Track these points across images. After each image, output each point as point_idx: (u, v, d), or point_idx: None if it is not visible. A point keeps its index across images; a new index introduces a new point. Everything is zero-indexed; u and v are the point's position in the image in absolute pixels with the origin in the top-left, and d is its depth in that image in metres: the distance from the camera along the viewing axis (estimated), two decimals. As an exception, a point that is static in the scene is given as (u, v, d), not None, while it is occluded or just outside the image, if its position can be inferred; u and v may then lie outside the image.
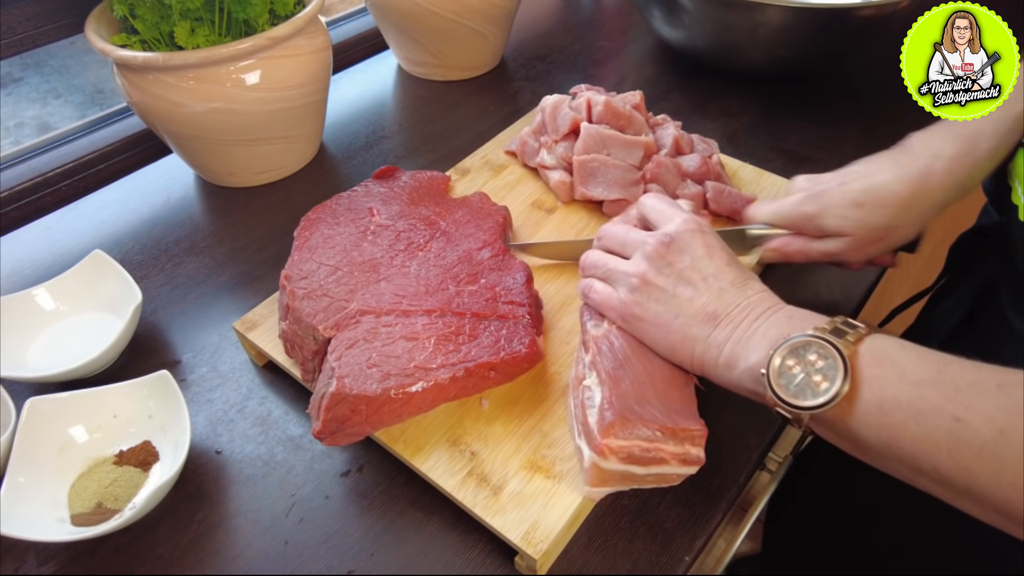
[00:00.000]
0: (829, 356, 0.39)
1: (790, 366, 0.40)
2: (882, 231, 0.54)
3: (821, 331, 0.40)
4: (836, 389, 0.38)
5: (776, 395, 0.40)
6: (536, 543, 0.44)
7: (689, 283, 0.46)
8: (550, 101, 0.70)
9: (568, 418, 0.51)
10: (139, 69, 0.65)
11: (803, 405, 0.39)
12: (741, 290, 0.46)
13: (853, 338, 0.39)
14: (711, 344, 0.45)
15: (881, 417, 0.37)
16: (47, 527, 0.47)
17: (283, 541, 0.49)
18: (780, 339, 0.41)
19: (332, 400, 0.46)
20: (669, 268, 0.47)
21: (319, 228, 0.59)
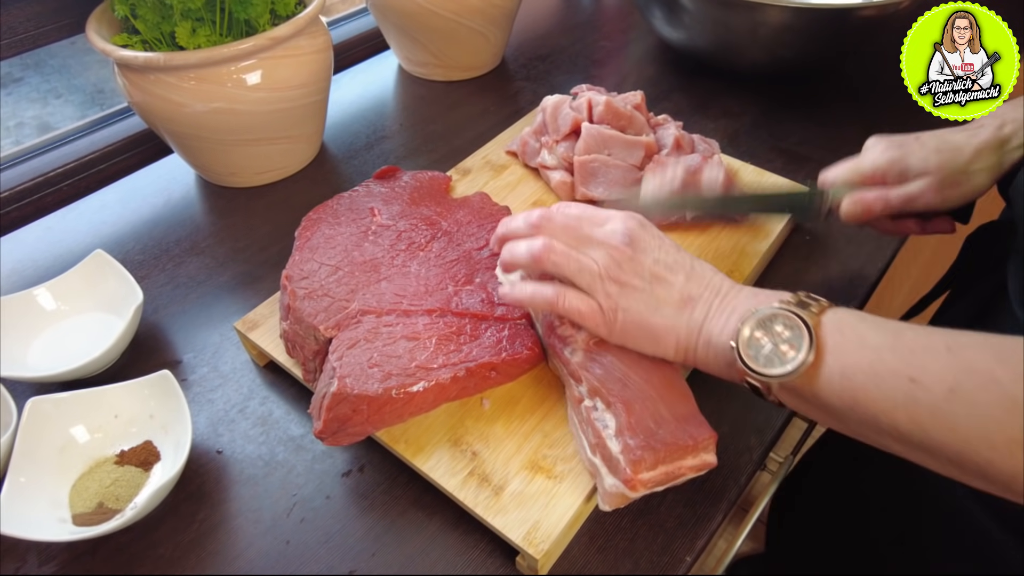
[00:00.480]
0: (795, 326, 0.41)
1: (758, 337, 0.42)
2: (961, 175, 0.54)
3: (786, 304, 0.42)
4: (802, 357, 0.40)
5: (746, 365, 0.42)
6: (538, 543, 0.44)
7: (660, 278, 0.47)
8: (551, 101, 0.70)
9: (570, 424, 0.50)
10: (140, 69, 0.65)
11: (771, 374, 0.41)
12: (703, 270, 0.48)
13: (816, 309, 0.42)
14: (691, 327, 0.46)
15: (844, 382, 0.39)
16: (48, 527, 0.47)
17: (284, 541, 0.49)
18: (748, 313, 0.43)
19: (333, 400, 0.46)
20: (637, 267, 0.47)
21: (320, 228, 0.59)
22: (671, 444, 0.45)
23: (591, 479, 0.47)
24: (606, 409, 0.46)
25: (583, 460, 0.48)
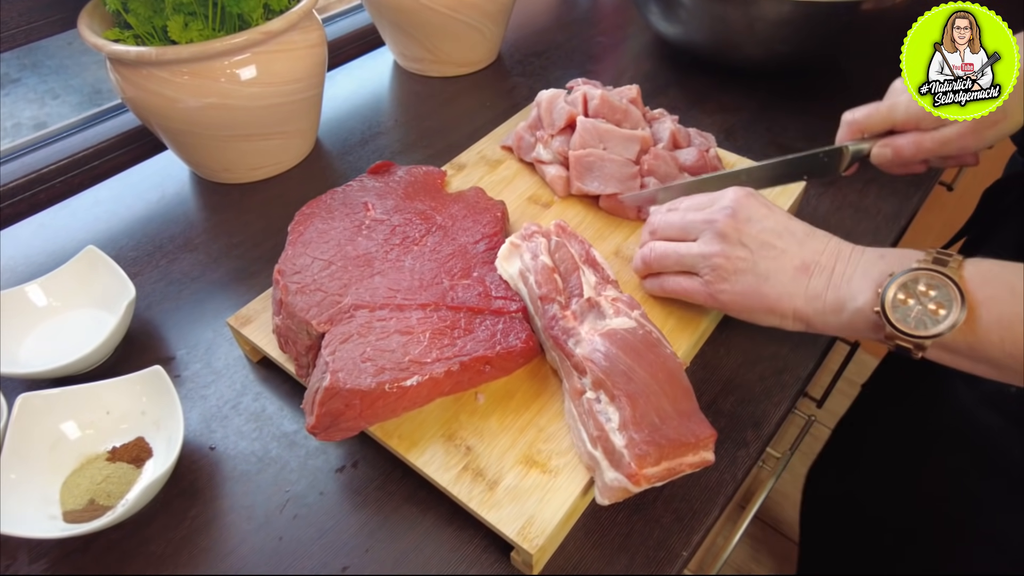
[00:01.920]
0: (940, 285, 0.41)
1: (903, 300, 0.43)
2: (998, 113, 0.52)
3: (924, 262, 0.43)
4: (956, 315, 0.41)
5: (896, 329, 0.43)
6: (532, 538, 0.44)
7: (768, 245, 0.48)
8: (546, 95, 0.70)
9: (567, 417, 0.50)
10: (132, 64, 0.65)
11: (926, 335, 0.42)
12: (817, 237, 0.49)
13: (955, 264, 0.42)
14: (811, 295, 0.47)
15: (1003, 333, 0.40)
16: (38, 524, 0.47)
17: (277, 537, 0.49)
18: (883, 276, 0.44)
19: (326, 394, 0.46)
20: (744, 237, 0.48)
21: (313, 223, 0.59)
22: (675, 440, 0.44)
23: (587, 473, 0.47)
24: (609, 402, 0.46)
25: (580, 454, 0.48)
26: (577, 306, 0.52)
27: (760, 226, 0.49)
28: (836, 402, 1.68)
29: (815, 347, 0.60)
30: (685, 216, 0.53)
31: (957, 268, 0.42)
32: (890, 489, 0.73)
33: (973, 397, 0.60)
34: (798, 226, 0.49)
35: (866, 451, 0.80)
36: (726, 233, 0.49)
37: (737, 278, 0.49)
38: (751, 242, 0.49)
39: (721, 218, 0.50)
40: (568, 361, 0.49)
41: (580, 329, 0.50)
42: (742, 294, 0.49)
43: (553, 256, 0.55)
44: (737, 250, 0.49)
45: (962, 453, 0.63)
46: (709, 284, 0.51)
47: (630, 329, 0.50)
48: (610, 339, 0.48)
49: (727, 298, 0.50)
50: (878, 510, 0.75)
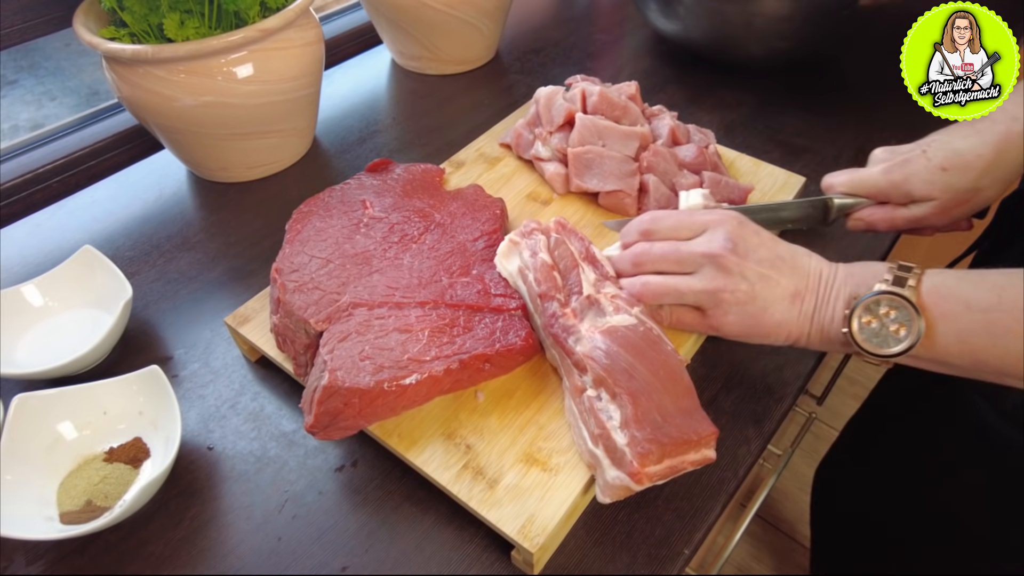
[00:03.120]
0: (899, 306, 0.44)
1: (867, 322, 0.45)
2: (968, 193, 0.54)
3: (885, 283, 0.45)
4: (914, 335, 0.44)
5: (862, 349, 0.46)
6: (533, 537, 0.43)
7: (765, 277, 0.49)
8: (544, 92, 0.69)
9: (567, 415, 0.50)
10: (128, 63, 0.64)
11: (888, 353, 0.45)
12: (801, 259, 0.50)
13: (914, 281, 0.44)
14: (803, 319, 0.49)
15: (961, 345, 0.43)
16: (35, 525, 0.47)
17: (276, 538, 0.49)
18: (850, 299, 0.46)
19: (324, 393, 0.46)
20: (745, 271, 0.49)
21: (311, 221, 0.58)
22: (677, 438, 0.44)
23: (588, 471, 0.47)
24: (611, 400, 0.46)
25: (581, 452, 0.47)
26: (577, 303, 0.51)
27: (757, 257, 0.49)
28: (837, 400, 1.69)
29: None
30: (679, 249, 0.51)
31: (916, 285, 0.44)
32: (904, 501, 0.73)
33: (993, 413, 0.60)
34: (784, 250, 0.50)
35: (879, 460, 0.79)
36: (728, 268, 0.49)
37: (739, 309, 0.49)
38: (751, 275, 0.49)
39: (722, 252, 0.49)
40: (569, 359, 0.49)
41: (580, 326, 0.50)
42: (743, 324, 0.50)
43: (552, 253, 0.54)
44: (740, 283, 0.49)
45: (980, 466, 0.63)
46: (710, 317, 0.51)
47: (631, 326, 0.49)
48: (611, 336, 0.48)
49: (728, 329, 0.50)
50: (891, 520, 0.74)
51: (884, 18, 0.89)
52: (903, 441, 0.74)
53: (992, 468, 0.62)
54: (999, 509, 0.62)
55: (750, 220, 0.52)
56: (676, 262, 0.52)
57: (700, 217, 0.52)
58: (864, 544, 0.79)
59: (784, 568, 1.46)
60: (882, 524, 0.76)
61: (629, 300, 0.51)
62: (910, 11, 0.51)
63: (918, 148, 0.56)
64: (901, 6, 0.81)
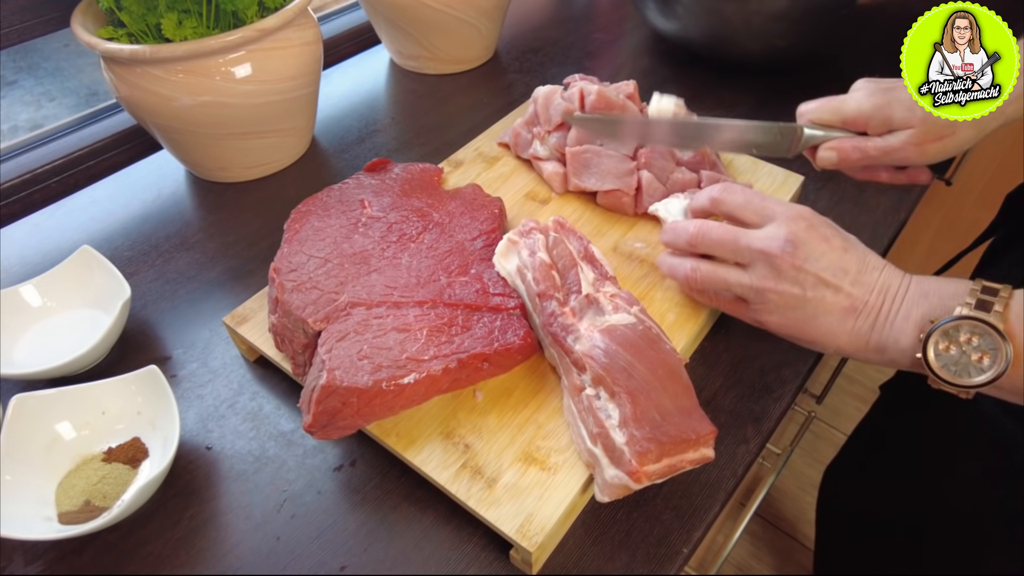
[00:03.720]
0: (984, 333, 0.41)
1: (945, 348, 0.42)
2: (946, 128, 0.53)
3: (967, 306, 0.42)
4: (1002, 365, 0.40)
5: (939, 377, 0.42)
6: (531, 536, 0.43)
7: (821, 284, 0.47)
8: (543, 92, 0.69)
9: (565, 414, 0.50)
10: (126, 62, 0.64)
11: (969, 384, 0.42)
12: (868, 273, 0.47)
13: (1000, 306, 0.41)
14: (856, 335, 0.46)
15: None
16: (34, 526, 0.47)
17: (275, 537, 0.49)
18: (926, 322, 0.43)
19: (322, 393, 0.46)
20: (799, 275, 0.47)
21: (309, 220, 0.58)
22: (675, 437, 0.44)
23: (586, 470, 0.47)
24: (609, 399, 0.46)
25: (579, 451, 0.47)
26: (576, 302, 0.51)
27: (817, 265, 0.47)
28: (837, 399, 1.69)
29: (815, 342, 0.59)
30: (738, 240, 0.50)
31: (1004, 309, 0.41)
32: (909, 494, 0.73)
33: (996, 409, 0.60)
34: (852, 261, 0.48)
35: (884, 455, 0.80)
36: (782, 270, 0.48)
37: (785, 312, 0.48)
38: (805, 280, 0.47)
39: (779, 252, 0.47)
40: (567, 358, 0.49)
41: (579, 325, 0.50)
42: (788, 326, 0.49)
43: (551, 252, 0.54)
44: (791, 287, 0.47)
45: (984, 463, 0.63)
46: (755, 312, 0.50)
47: (629, 325, 0.49)
48: (609, 335, 0.48)
49: (772, 326, 0.50)
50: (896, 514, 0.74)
51: (883, 17, 0.89)
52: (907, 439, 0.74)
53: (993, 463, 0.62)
54: (1003, 500, 0.62)
55: (827, 223, 0.49)
56: (732, 251, 0.50)
57: (772, 205, 0.50)
58: (870, 544, 0.79)
59: (784, 567, 1.46)
60: (888, 523, 0.76)
61: (628, 299, 0.51)
62: (909, 11, 0.51)
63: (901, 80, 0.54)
64: (900, 5, 0.81)
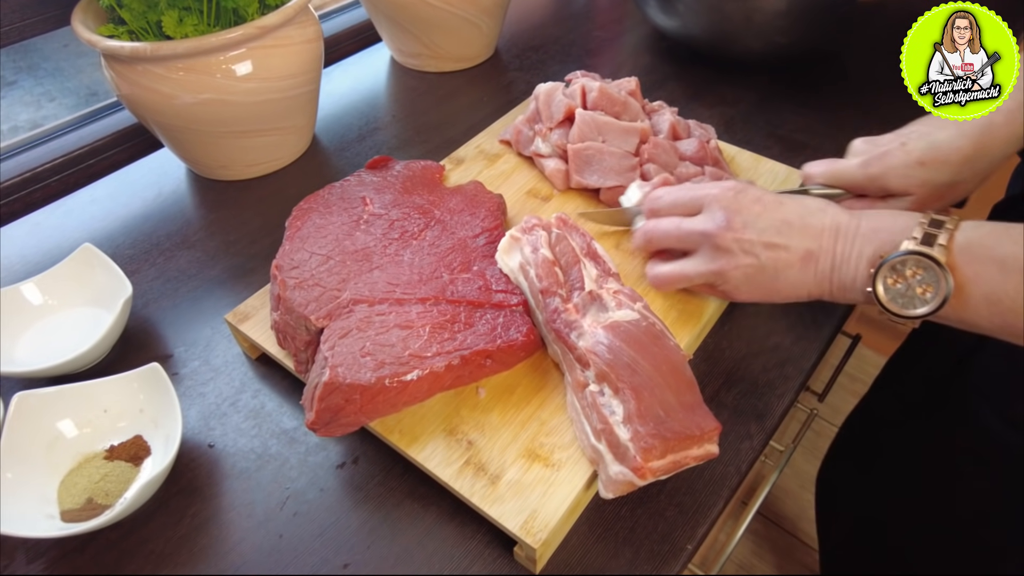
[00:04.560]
0: (927, 267, 0.42)
1: (893, 282, 0.44)
2: (946, 188, 0.54)
3: (914, 241, 0.43)
4: (941, 296, 0.42)
5: (887, 310, 0.45)
6: (535, 532, 0.43)
7: (771, 245, 0.48)
8: (544, 88, 0.69)
9: (569, 411, 0.50)
10: (127, 60, 0.64)
11: (913, 314, 0.44)
12: (813, 217, 0.48)
13: (945, 239, 0.42)
14: (820, 279, 0.48)
15: (991, 308, 0.41)
16: (36, 523, 0.46)
17: (277, 535, 0.48)
18: (876, 257, 0.45)
19: (325, 390, 0.45)
20: (745, 245, 0.49)
21: (311, 218, 0.58)
22: (680, 433, 0.44)
23: (590, 467, 0.46)
24: (614, 395, 0.46)
25: (583, 447, 0.47)
26: (579, 299, 0.51)
27: (758, 228, 0.48)
28: (839, 397, 1.68)
29: (818, 339, 0.59)
30: (680, 226, 0.52)
31: (947, 243, 0.42)
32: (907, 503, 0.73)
33: (997, 420, 0.60)
34: (792, 212, 0.49)
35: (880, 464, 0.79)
36: (726, 247, 0.49)
37: (749, 283, 0.50)
38: (753, 247, 0.48)
39: (717, 231, 0.49)
40: (571, 354, 0.49)
41: (583, 322, 0.50)
42: (756, 293, 0.51)
43: (554, 249, 0.54)
44: (742, 259, 0.49)
45: (985, 472, 0.63)
46: (723, 292, 0.52)
47: (633, 321, 0.49)
48: (613, 331, 0.48)
49: (744, 297, 0.52)
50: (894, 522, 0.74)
51: (884, 14, 0.88)
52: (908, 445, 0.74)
53: (994, 473, 0.62)
54: (1002, 514, 0.62)
55: (755, 185, 0.51)
56: (678, 241, 0.53)
57: (698, 192, 0.52)
58: (870, 546, 0.79)
59: (786, 565, 1.46)
60: (886, 526, 0.76)
61: (632, 295, 0.51)
62: (909, 8, 0.51)
63: (897, 140, 0.55)
64: (900, 3, 0.80)
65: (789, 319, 0.61)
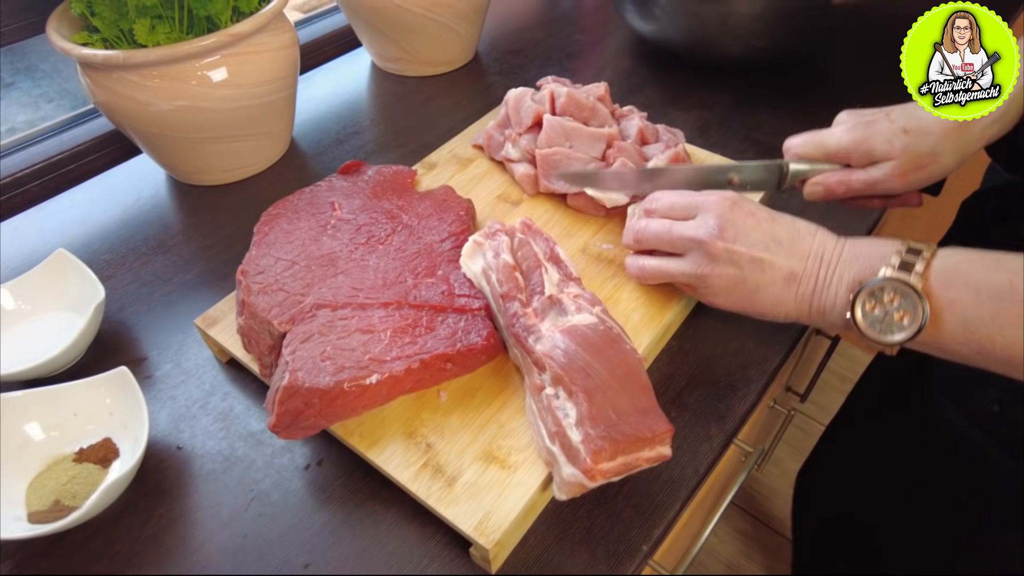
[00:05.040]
0: (905, 294, 0.43)
1: (871, 308, 0.45)
2: (926, 157, 0.55)
3: (891, 268, 0.44)
4: (918, 323, 0.43)
5: (865, 336, 0.45)
6: (488, 533, 0.44)
7: (757, 260, 0.49)
8: (513, 94, 0.70)
9: (527, 413, 0.50)
10: (101, 68, 0.65)
11: (891, 341, 0.44)
12: (802, 240, 0.50)
13: (922, 266, 0.43)
14: (800, 301, 0.49)
15: (967, 335, 0.42)
16: (3, 525, 0.47)
17: (242, 535, 0.49)
18: (856, 284, 0.46)
19: (285, 393, 0.46)
20: (733, 256, 0.49)
21: (279, 223, 0.59)
22: (631, 436, 0.45)
23: (546, 469, 0.47)
24: (567, 398, 0.46)
25: (539, 449, 0.48)
26: (538, 303, 0.52)
27: (748, 241, 0.49)
28: (826, 397, 1.69)
29: (781, 343, 0.60)
30: (671, 230, 0.53)
31: (924, 271, 0.43)
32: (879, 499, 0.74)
33: (960, 416, 0.61)
34: (783, 231, 0.50)
35: (855, 460, 0.80)
36: (715, 255, 0.50)
37: (729, 291, 0.51)
38: (740, 259, 0.49)
39: (708, 239, 0.50)
40: (529, 357, 0.50)
41: (541, 326, 0.50)
42: (734, 303, 0.52)
43: (516, 254, 0.55)
44: (728, 269, 0.50)
45: (949, 469, 0.64)
46: (701, 296, 0.53)
47: (591, 325, 0.50)
48: (570, 335, 0.49)
49: (721, 305, 0.53)
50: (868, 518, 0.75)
51: (857, 17, 0.89)
52: (876, 444, 0.75)
53: (958, 469, 0.62)
54: (967, 509, 0.63)
55: (751, 200, 0.52)
56: (668, 243, 0.54)
57: (694, 198, 0.53)
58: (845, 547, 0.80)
59: (774, 565, 1.46)
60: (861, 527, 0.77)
61: (591, 299, 0.52)
62: (883, 11, 0.52)
63: (882, 112, 0.57)
64: (874, 5, 0.81)
65: (753, 322, 0.61)
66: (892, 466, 0.70)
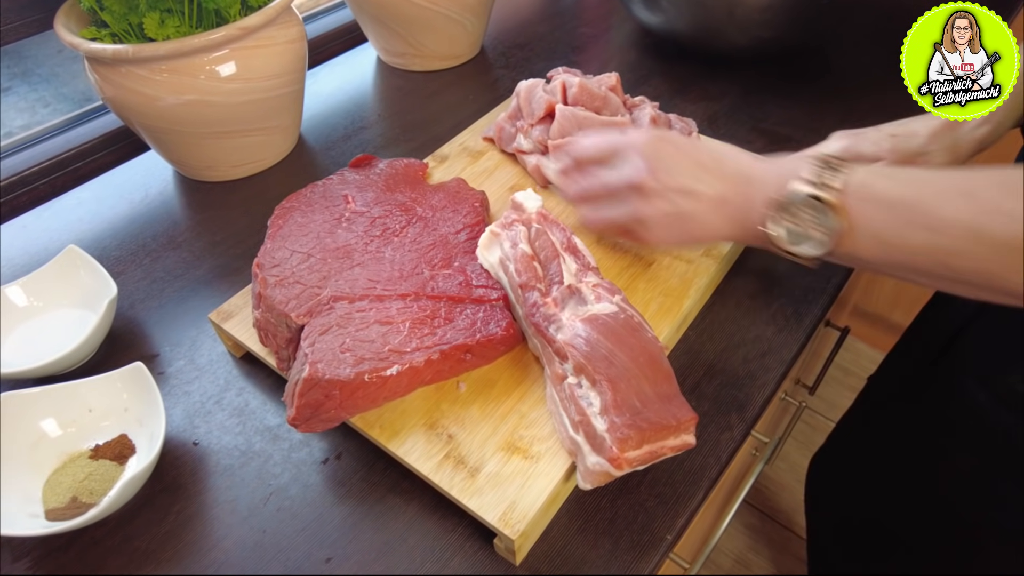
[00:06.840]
0: (818, 208, 0.44)
1: (786, 221, 0.46)
2: (914, 156, 0.56)
3: (804, 182, 0.44)
4: (831, 236, 0.44)
5: (779, 248, 0.47)
6: (513, 524, 0.44)
7: (687, 190, 0.50)
8: (525, 85, 0.70)
9: (548, 403, 0.50)
10: (110, 63, 0.65)
11: (805, 254, 0.45)
12: (727, 163, 0.50)
13: (839, 182, 0.44)
14: (733, 221, 0.50)
15: (878, 245, 0.43)
16: (20, 522, 0.47)
17: (261, 531, 0.49)
18: (772, 201, 0.46)
19: (305, 385, 0.46)
20: (664, 190, 0.50)
21: (293, 216, 0.58)
22: (656, 423, 0.44)
23: (569, 458, 0.47)
24: (591, 387, 0.46)
25: (562, 439, 0.48)
26: (558, 293, 0.52)
27: (677, 173, 0.50)
28: (832, 391, 1.69)
29: (799, 330, 0.59)
30: (606, 184, 0.54)
31: (841, 186, 0.43)
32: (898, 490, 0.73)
33: (987, 396, 0.60)
34: (707, 156, 0.51)
35: (873, 449, 0.80)
36: (650, 192, 0.50)
37: (665, 227, 0.51)
38: (672, 193, 0.50)
39: (640, 179, 0.51)
40: (550, 347, 0.49)
41: (561, 315, 0.50)
42: (672, 238, 0.52)
43: (533, 244, 0.55)
44: (663, 205, 0.50)
45: (975, 451, 0.63)
46: (642, 236, 0.53)
47: (611, 314, 0.49)
48: (591, 324, 0.48)
49: (661, 240, 0.53)
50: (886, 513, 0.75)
51: (866, 7, 0.89)
52: (896, 429, 0.74)
53: (985, 451, 0.62)
54: (991, 492, 0.62)
55: (668, 133, 0.53)
56: (609, 196, 0.54)
57: (617, 141, 0.54)
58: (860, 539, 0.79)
59: (781, 559, 1.46)
60: (877, 518, 0.76)
61: (611, 288, 0.52)
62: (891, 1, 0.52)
63: (873, 127, 0.59)
64: (883, -6, 0.81)
65: (770, 311, 0.61)
66: (915, 451, 0.70)
